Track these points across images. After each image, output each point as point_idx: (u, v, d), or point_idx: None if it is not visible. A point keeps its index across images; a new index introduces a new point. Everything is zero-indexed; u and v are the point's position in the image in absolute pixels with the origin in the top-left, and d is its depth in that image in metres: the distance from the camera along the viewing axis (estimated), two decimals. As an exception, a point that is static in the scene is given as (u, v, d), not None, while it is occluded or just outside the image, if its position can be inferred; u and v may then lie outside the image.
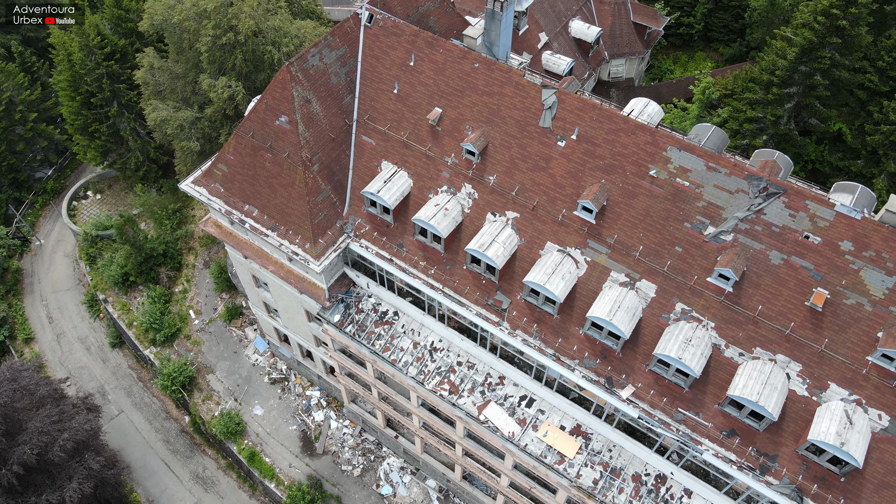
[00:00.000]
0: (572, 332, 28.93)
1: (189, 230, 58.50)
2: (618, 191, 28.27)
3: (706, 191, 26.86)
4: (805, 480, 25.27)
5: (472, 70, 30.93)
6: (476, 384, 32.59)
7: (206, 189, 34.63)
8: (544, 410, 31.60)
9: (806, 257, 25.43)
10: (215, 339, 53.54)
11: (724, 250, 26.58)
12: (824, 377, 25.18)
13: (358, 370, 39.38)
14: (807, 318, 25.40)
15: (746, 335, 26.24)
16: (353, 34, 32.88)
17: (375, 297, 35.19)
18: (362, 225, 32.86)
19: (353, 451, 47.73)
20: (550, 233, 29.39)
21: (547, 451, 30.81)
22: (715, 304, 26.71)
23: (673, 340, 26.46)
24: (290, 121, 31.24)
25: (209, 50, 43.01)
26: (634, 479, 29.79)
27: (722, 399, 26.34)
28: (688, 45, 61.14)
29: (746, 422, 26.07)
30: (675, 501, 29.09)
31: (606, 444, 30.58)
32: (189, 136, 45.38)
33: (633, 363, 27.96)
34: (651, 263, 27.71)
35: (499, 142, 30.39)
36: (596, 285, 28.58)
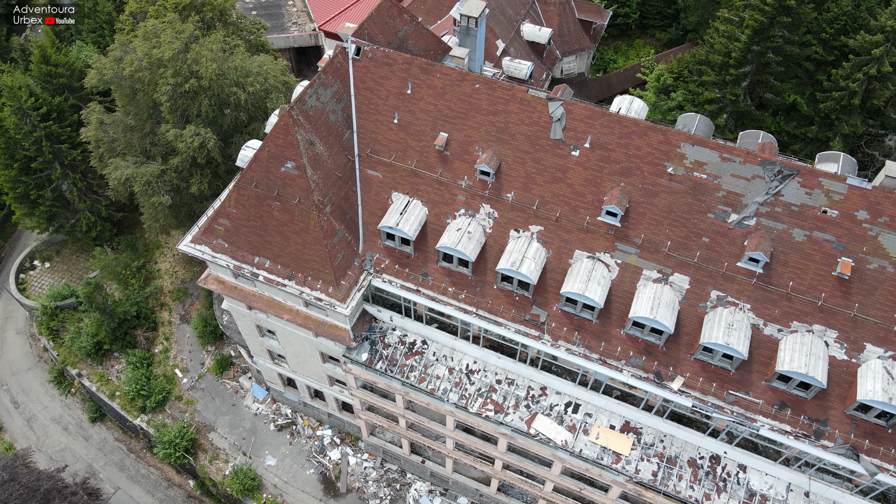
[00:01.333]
0: (614, 335, 29.58)
1: (158, 286, 55.69)
2: (638, 192, 29.09)
3: (724, 181, 28.06)
4: (856, 438, 26.92)
5: (474, 91, 30.98)
6: (519, 399, 32.78)
7: (209, 247, 33.09)
8: (591, 413, 32.17)
9: (827, 231, 27.04)
10: (209, 394, 51.27)
11: (749, 235, 27.87)
12: (860, 339, 26.89)
13: (384, 404, 38.75)
14: (836, 287, 27.02)
15: (782, 311, 27.64)
16: (343, 69, 32.24)
17: (400, 329, 34.72)
18: (381, 260, 32.33)
19: (377, 484, 46.94)
20: (577, 241, 29.90)
21: (602, 452, 31.39)
22: (748, 287, 27.98)
23: (716, 327, 27.53)
24: (298, 165, 30.31)
25: (170, 99, 41.02)
26: (690, 465, 30.83)
27: (769, 375, 27.64)
28: (625, 34, 63.41)
29: (795, 393, 27.48)
30: (733, 478, 30.33)
31: (657, 436, 31.48)
32: (157, 190, 43.11)
33: (677, 355, 28.89)
34: (681, 257, 28.70)
35: (512, 159, 30.61)
36: (630, 286, 29.33)
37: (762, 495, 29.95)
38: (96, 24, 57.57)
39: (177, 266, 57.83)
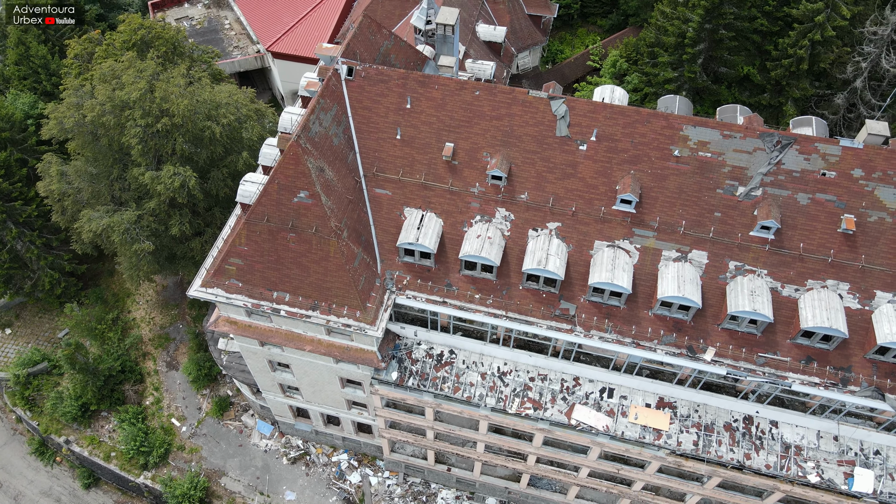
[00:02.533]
0: (643, 317, 30.61)
1: (137, 336, 53.27)
2: (648, 177, 30.19)
3: (728, 156, 29.51)
4: (879, 379, 28.96)
5: (474, 98, 31.29)
6: (555, 393, 33.41)
7: (222, 288, 32.03)
8: (626, 395, 33.17)
9: (828, 191, 28.91)
10: (213, 439, 49.54)
11: (757, 205, 29.43)
12: (869, 288, 28.92)
13: (410, 419, 38.61)
14: (842, 242, 28.95)
15: (797, 272, 29.37)
16: (338, 91, 31.86)
17: (426, 342, 34.68)
18: (402, 277, 32.20)
19: (403, 500, 46.69)
20: (595, 232, 30.74)
21: (643, 431, 32.45)
22: (763, 254, 29.56)
23: (740, 296, 28.97)
24: (311, 194, 29.78)
25: (141, 141, 39.33)
26: (727, 429, 32.31)
27: (793, 333, 29.31)
28: (567, 24, 65.11)
29: (819, 346, 29.27)
30: (767, 435, 32.01)
31: (692, 407, 32.81)
32: (137, 237, 41.23)
33: (705, 327, 30.20)
34: (696, 234, 30.00)
35: (521, 160, 31.12)
36: (652, 268, 30.42)
37: (796, 446, 31.77)
38: (29, 70, 54.25)
39: (152, 312, 55.48)
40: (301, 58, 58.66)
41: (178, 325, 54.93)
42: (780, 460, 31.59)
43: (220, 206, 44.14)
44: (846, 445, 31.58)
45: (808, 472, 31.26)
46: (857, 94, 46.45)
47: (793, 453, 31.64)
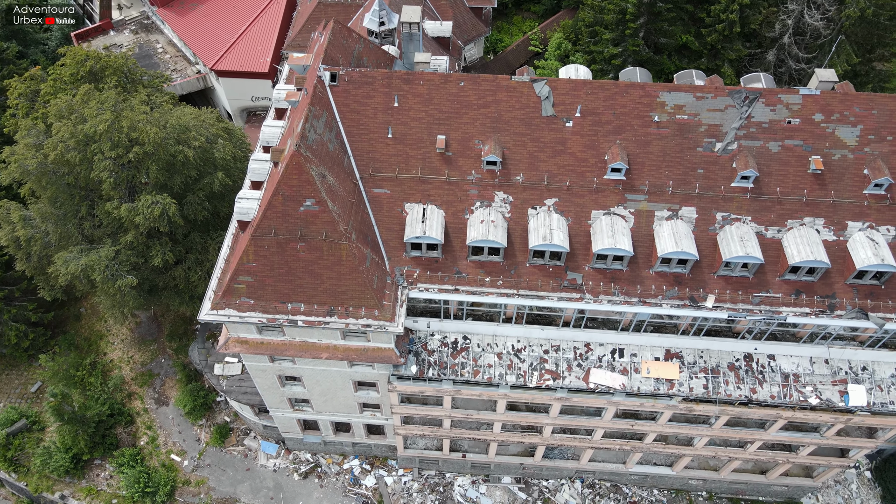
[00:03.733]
0: (645, 276, 32.48)
1: (119, 376, 51.43)
2: (633, 145, 32.05)
3: (703, 116, 31.72)
4: (860, 301, 31.91)
5: (460, 90, 32.28)
6: (570, 361, 34.92)
7: (233, 308, 31.79)
8: (635, 353, 35.05)
9: (795, 137, 31.57)
10: (218, 467, 48.58)
11: (735, 157, 31.80)
12: (842, 220, 31.79)
13: (427, 411, 39.33)
14: (814, 182, 31.69)
15: (777, 215, 31.94)
16: (324, 98, 32.13)
17: (439, 332, 35.44)
18: (411, 271, 32.85)
19: (420, 494, 47.32)
20: (591, 202, 32.37)
21: (656, 383, 34.43)
22: (745, 202, 31.97)
23: (732, 243, 31.25)
24: (318, 201, 30.01)
25: (112, 173, 38.20)
26: (731, 369, 34.71)
27: (782, 271, 31.87)
28: (503, 14, 66.90)
29: (804, 279, 31.94)
30: (767, 369, 34.61)
31: (696, 354, 35.02)
32: (118, 272, 39.99)
33: (702, 277, 32.37)
34: (684, 192, 32.10)
35: (512, 144, 32.35)
36: (647, 229, 32.32)
37: (794, 374, 34.50)
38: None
39: (130, 351, 53.69)
40: (247, 73, 57.93)
41: (160, 360, 53.39)
42: (781, 390, 34.25)
43: (197, 230, 43.30)
44: (837, 366, 34.56)
45: (808, 395, 34.05)
46: (785, 49, 50.28)
47: (792, 381, 34.36)
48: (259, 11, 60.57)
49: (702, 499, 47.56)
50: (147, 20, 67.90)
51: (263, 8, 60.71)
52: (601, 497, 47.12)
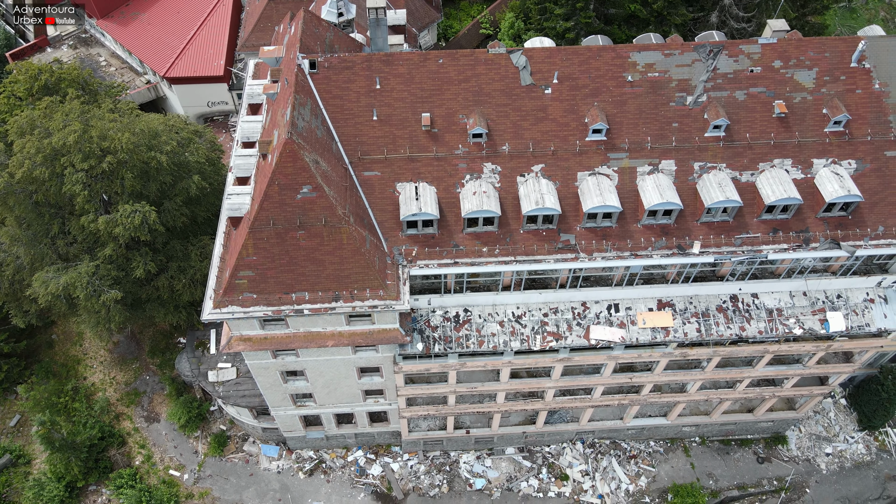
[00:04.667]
0: (633, 230, 33.87)
1: (104, 399, 49.99)
2: (610, 105, 33.35)
3: (672, 72, 33.28)
4: (831, 231, 34.15)
5: (439, 67, 32.88)
6: (570, 321, 36.07)
7: (237, 305, 31.56)
8: (630, 306, 36.48)
9: (758, 84, 33.48)
10: (220, 477, 47.91)
11: (706, 109, 33.49)
12: (808, 158, 33.93)
13: (432, 389, 39.89)
14: (779, 125, 33.70)
15: (749, 159, 33.82)
16: (306, 86, 32.19)
17: (439, 307, 36.00)
18: (409, 250, 33.30)
19: (428, 475, 47.88)
20: (576, 165, 33.52)
21: (653, 332, 35.96)
22: (719, 150, 33.73)
23: (711, 190, 32.92)
24: (315, 187, 30.12)
25: (86, 186, 37.19)
26: (720, 311, 36.54)
27: (759, 212, 33.78)
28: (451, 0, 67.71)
29: (780, 217, 33.96)
30: (753, 306, 36.60)
31: (686, 300, 36.70)
32: (100, 287, 38.95)
33: (687, 225, 33.98)
34: (662, 146, 33.61)
35: (495, 115, 33.18)
36: (631, 185, 33.70)
37: (777, 309, 36.61)
38: None
39: (112, 372, 52.22)
40: (201, 78, 56.96)
41: (145, 377, 52.12)
42: (767, 325, 36.30)
43: (177, 237, 42.53)
44: (815, 297, 36.86)
45: (792, 327, 36.22)
46: (726, 10, 52.88)
47: (776, 316, 36.46)
48: (206, 15, 59.58)
49: (695, 444, 49.76)
50: (85, 34, 65.82)
51: (210, 11, 59.72)
52: (602, 455, 48.72)
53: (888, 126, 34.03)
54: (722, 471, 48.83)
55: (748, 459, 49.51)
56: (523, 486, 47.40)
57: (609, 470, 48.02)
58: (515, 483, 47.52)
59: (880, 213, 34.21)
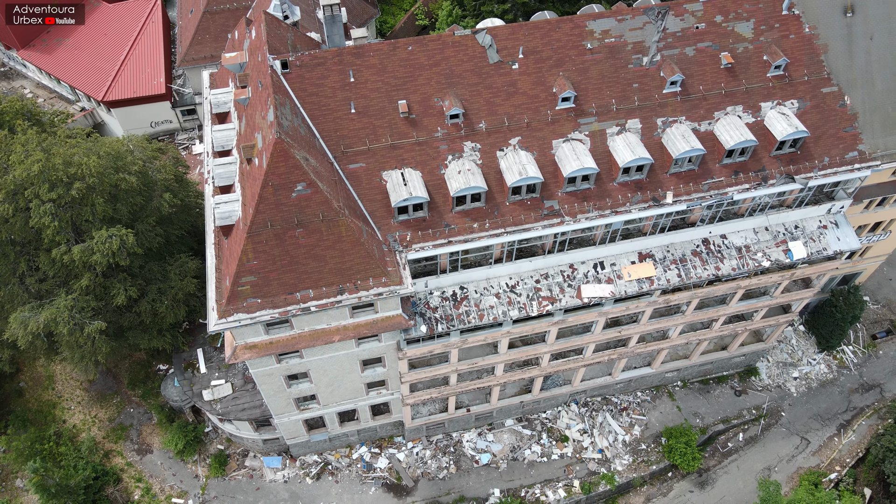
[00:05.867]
0: (610, 189, 35.78)
1: (90, 438, 48.16)
2: (574, 73, 35.06)
3: (627, 36, 35.30)
4: (784, 167, 37.15)
5: (409, 54, 33.68)
6: (561, 284, 37.70)
7: (242, 312, 31.46)
8: (614, 262, 38.44)
9: (704, 39, 35.97)
10: (227, 496, 47.20)
11: (661, 67, 35.72)
12: (756, 103, 36.72)
13: (434, 372, 40.76)
14: (727, 75, 36.32)
15: (705, 110, 36.31)
16: (281, 86, 32.30)
17: (436, 288, 36.86)
18: (403, 235, 34.01)
19: (435, 459, 48.73)
20: (549, 133, 35.09)
21: (639, 284, 38.06)
22: (677, 105, 36.05)
23: (676, 142, 35.21)
24: (309, 183, 30.38)
25: (55, 217, 35.93)
26: (695, 254, 39.05)
27: (720, 157, 36.35)
28: (378, -6, 68.27)
29: (739, 160, 36.64)
30: (724, 246, 39.28)
31: (663, 249, 38.98)
32: (81, 320, 37.71)
33: (658, 178, 36.17)
34: (626, 107, 35.63)
35: (469, 95, 34.28)
36: (603, 147, 35.58)
37: (744, 246, 39.44)
38: None
39: (92, 410, 50.39)
40: (143, 98, 55.40)
41: (129, 411, 50.55)
42: (738, 262, 39.09)
43: (153, 259, 41.56)
44: (775, 231, 39.91)
45: (761, 260, 39.14)
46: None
47: (745, 252, 39.29)
48: (136, 35, 57.84)
49: (678, 388, 52.69)
50: (3, 67, 62.59)
51: (139, 30, 58.02)
52: (596, 412, 50.89)
53: (821, 65, 37.26)
54: (706, 409, 51.96)
55: (727, 395, 52.86)
56: (527, 454, 48.98)
57: (605, 425, 50.25)
58: (519, 452, 49.04)
59: (824, 145, 37.47)
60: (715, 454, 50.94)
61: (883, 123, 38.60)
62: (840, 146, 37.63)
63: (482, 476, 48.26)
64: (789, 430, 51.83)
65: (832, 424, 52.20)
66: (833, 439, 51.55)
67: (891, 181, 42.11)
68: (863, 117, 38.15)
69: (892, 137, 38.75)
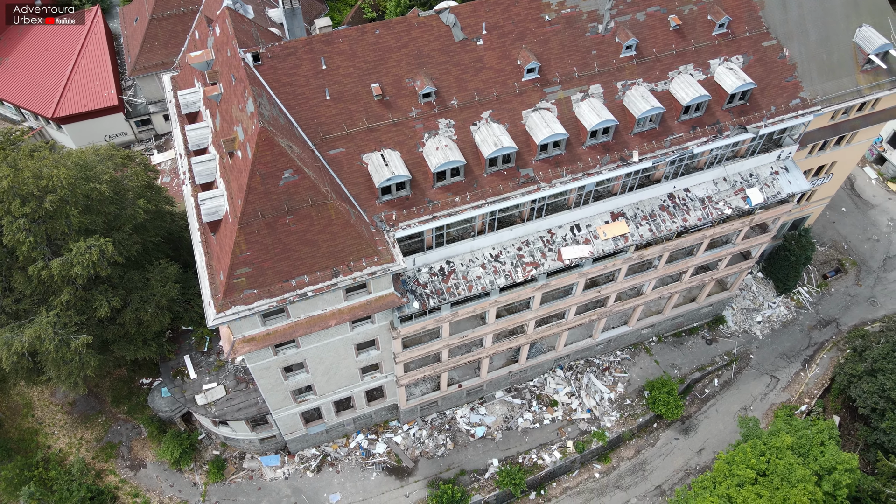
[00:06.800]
0: (580, 153, 37.46)
1: (80, 459, 47.16)
2: (536, 44, 36.55)
3: (581, 6, 37.00)
4: (736, 118, 39.64)
5: (377, 38, 34.48)
6: (542, 249, 39.20)
7: (240, 304, 31.71)
8: (589, 224, 40.20)
9: (653, 4, 38.01)
10: (228, 501, 47.08)
11: (616, 33, 37.59)
12: (704, 60, 39.04)
13: (427, 349, 41.71)
14: (677, 35, 38.49)
15: (659, 71, 38.40)
16: (255, 79, 32.61)
17: (424, 265, 37.79)
18: (388, 215, 34.82)
19: (431, 438, 49.70)
20: (518, 104, 36.49)
21: (614, 242, 39.92)
22: (634, 68, 38.01)
23: (637, 102, 37.16)
24: (296, 170, 30.86)
25: (29, 232, 35.25)
26: (663, 209, 41.20)
27: (678, 114, 38.52)
28: (322, -10, 68.45)
29: (695, 115, 38.91)
30: (688, 199, 41.56)
31: (633, 207, 40.95)
32: (68, 335, 37.07)
33: (623, 139, 38.07)
34: (586, 73, 37.35)
35: (438, 73, 35.34)
36: (569, 113, 37.23)
37: (707, 197, 41.84)
38: None
39: (77, 432, 49.31)
40: (95, 112, 54.25)
41: (115, 428, 49.67)
42: (703, 212, 41.45)
43: (131, 268, 41.08)
44: (733, 180, 42.46)
45: (723, 209, 41.61)
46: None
47: (708, 202, 41.69)
48: (79, 48, 56.47)
49: (654, 343, 55.16)
50: (-62, 94, 59.97)
51: (83, 44, 56.67)
52: (580, 374, 52.83)
53: (759, 21, 39.89)
54: (681, 359, 54.60)
55: (699, 344, 55.67)
56: (520, 422, 50.49)
57: (590, 385, 52.24)
58: (512, 421, 50.51)
59: (769, 95, 40.14)
60: (694, 401, 53.63)
61: (819, 71, 41.60)
62: (784, 95, 40.38)
63: (479, 448, 49.51)
64: (759, 371, 54.99)
65: (797, 361, 55.65)
66: (799, 374, 54.97)
67: (830, 125, 45.32)
68: (801, 66, 41.03)
69: (829, 83, 41.82)
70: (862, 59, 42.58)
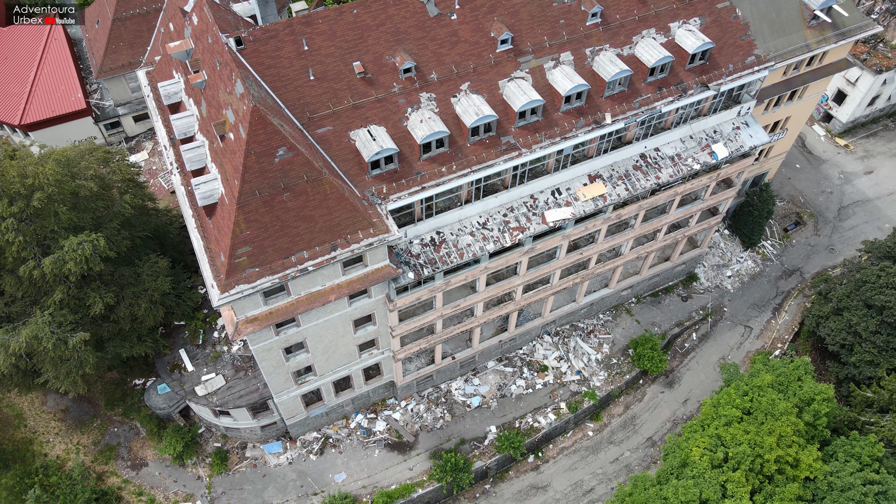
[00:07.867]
0: (556, 119, 39.12)
1: (80, 463, 46.91)
2: (508, 17, 38.03)
3: (548, -23, 38.70)
4: (698, 77, 41.83)
5: (355, 18, 35.46)
6: (527, 214, 40.75)
7: (243, 282, 32.37)
8: (569, 187, 41.92)
9: (613, -27, 39.95)
10: (235, 490, 47.39)
11: (581, 2, 39.34)
12: (664, 24, 41.13)
13: (422, 321, 42.87)
14: (638, 2, 40.45)
15: (624, 36, 40.32)
16: (239, 63, 33.23)
17: (415, 237, 38.90)
18: (379, 189, 35.87)
19: (429, 412, 50.91)
20: (495, 75, 37.92)
21: (593, 202, 41.74)
22: (601, 35, 39.84)
23: (606, 66, 38.99)
24: (289, 147, 31.65)
25: (18, 232, 35.19)
26: (636, 168, 43.20)
27: (644, 77, 40.50)
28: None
29: (659, 77, 40.99)
30: (659, 157, 43.67)
31: (609, 168, 42.85)
32: (64, 334, 37.07)
33: (595, 103, 39.86)
34: (556, 41, 39.02)
35: (416, 49, 36.50)
36: (543, 81, 38.82)
37: (676, 155, 44.03)
38: None
39: (73, 438, 48.95)
40: (63, 117, 53.69)
41: (112, 430, 49.49)
42: (674, 169, 43.62)
43: (122, 264, 41.15)
44: (699, 137, 44.77)
45: (692, 164, 43.87)
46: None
47: (678, 160, 43.89)
48: (40, 54, 55.71)
49: (633, 304, 57.42)
50: None
51: (43, 49, 55.92)
52: (567, 338, 54.70)
53: (713, -16, 42.21)
54: (660, 318, 56.97)
55: (676, 302, 58.15)
56: (513, 389, 52.08)
57: (577, 348, 54.16)
58: (506, 389, 52.06)
59: (727, 53, 42.49)
60: (676, 356, 56.09)
61: (770, 28, 44.18)
62: (740, 53, 42.79)
63: (476, 418, 50.92)
64: (733, 322, 57.78)
65: (767, 310, 58.64)
66: (771, 322, 57.95)
67: (783, 80, 48.07)
68: (753, 25, 43.52)
69: (780, 40, 44.45)
70: (808, 15, 45.36)
